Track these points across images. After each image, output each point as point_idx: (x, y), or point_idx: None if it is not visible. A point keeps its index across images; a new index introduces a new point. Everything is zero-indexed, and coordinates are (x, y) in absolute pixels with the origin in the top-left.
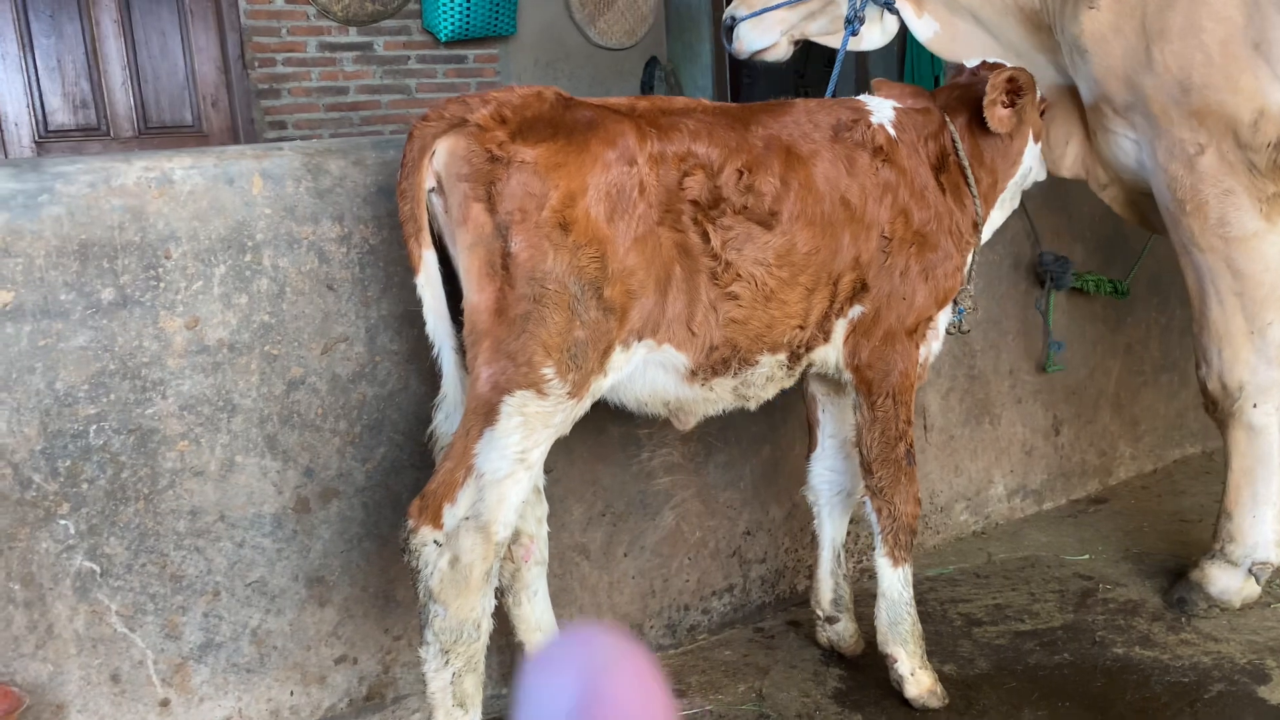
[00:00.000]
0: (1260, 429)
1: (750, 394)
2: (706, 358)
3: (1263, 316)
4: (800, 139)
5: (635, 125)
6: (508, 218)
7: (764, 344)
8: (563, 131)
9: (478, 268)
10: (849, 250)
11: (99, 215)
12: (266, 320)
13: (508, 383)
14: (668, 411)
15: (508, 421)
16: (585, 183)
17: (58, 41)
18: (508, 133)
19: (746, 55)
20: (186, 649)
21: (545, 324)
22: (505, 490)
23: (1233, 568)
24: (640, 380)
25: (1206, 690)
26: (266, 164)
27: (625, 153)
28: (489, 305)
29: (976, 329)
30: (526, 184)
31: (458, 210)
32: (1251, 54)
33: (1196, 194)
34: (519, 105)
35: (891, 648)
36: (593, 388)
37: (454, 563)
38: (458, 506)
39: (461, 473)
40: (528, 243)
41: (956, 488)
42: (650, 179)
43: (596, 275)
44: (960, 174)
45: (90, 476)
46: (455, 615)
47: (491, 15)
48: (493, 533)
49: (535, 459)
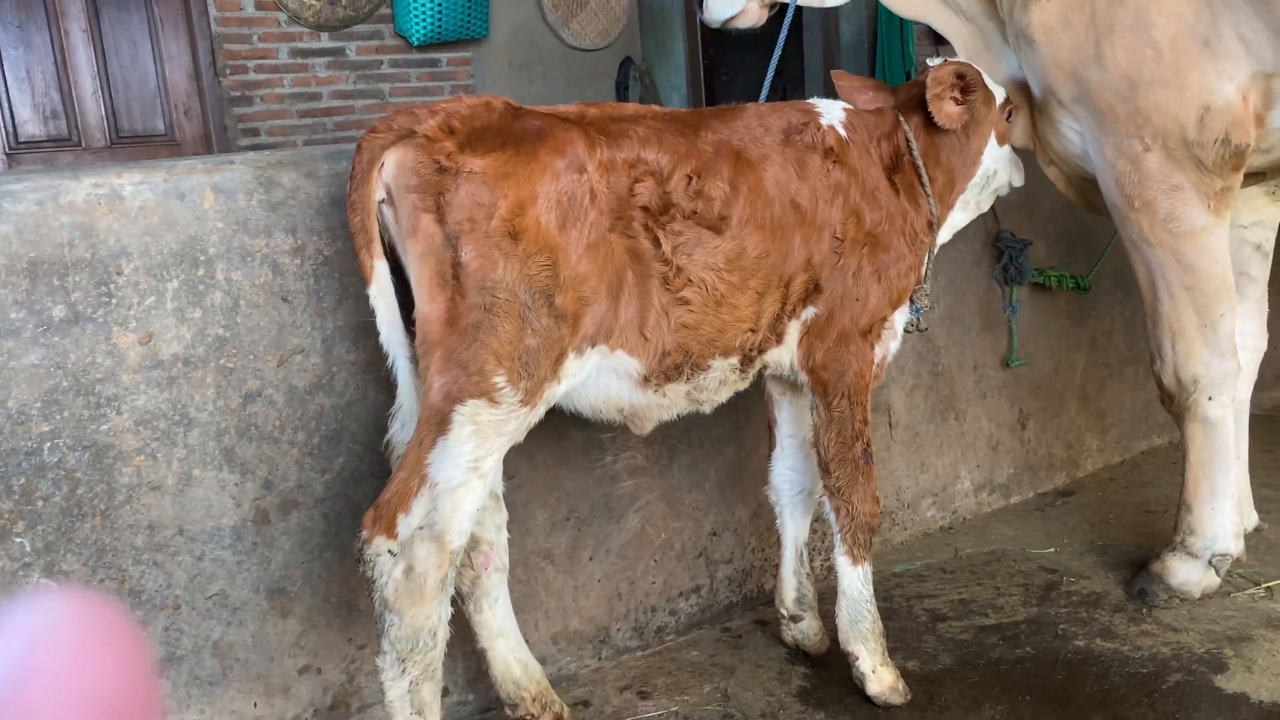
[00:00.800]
0: (1216, 422)
1: (704, 398)
2: (659, 363)
3: (1214, 310)
4: (750, 143)
5: (584, 133)
6: (457, 228)
7: (716, 348)
8: (511, 141)
9: (428, 278)
10: (800, 253)
11: (48, 233)
12: (221, 334)
13: (460, 392)
14: (623, 417)
15: (460, 430)
16: (535, 191)
17: (26, 52)
18: (456, 143)
19: (718, 23)
20: None
21: (496, 333)
22: (459, 499)
23: (1193, 559)
24: (594, 387)
25: (1165, 681)
26: (218, 178)
27: (575, 161)
28: (440, 315)
29: (940, 326)
30: (475, 194)
31: (407, 221)
32: (1200, 50)
33: (1144, 190)
34: (467, 115)
35: (853, 646)
36: (546, 395)
37: (408, 572)
38: (412, 516)
39: (415, 482)
40: (477, 252)
41: (923, 484)
42: (601, 186)
43: (548, 283)
44: (914, 173)
45: (45, 494)
46: (410, 624)
47: (464, 18)
48: (447, 541)
49: (489, 467)
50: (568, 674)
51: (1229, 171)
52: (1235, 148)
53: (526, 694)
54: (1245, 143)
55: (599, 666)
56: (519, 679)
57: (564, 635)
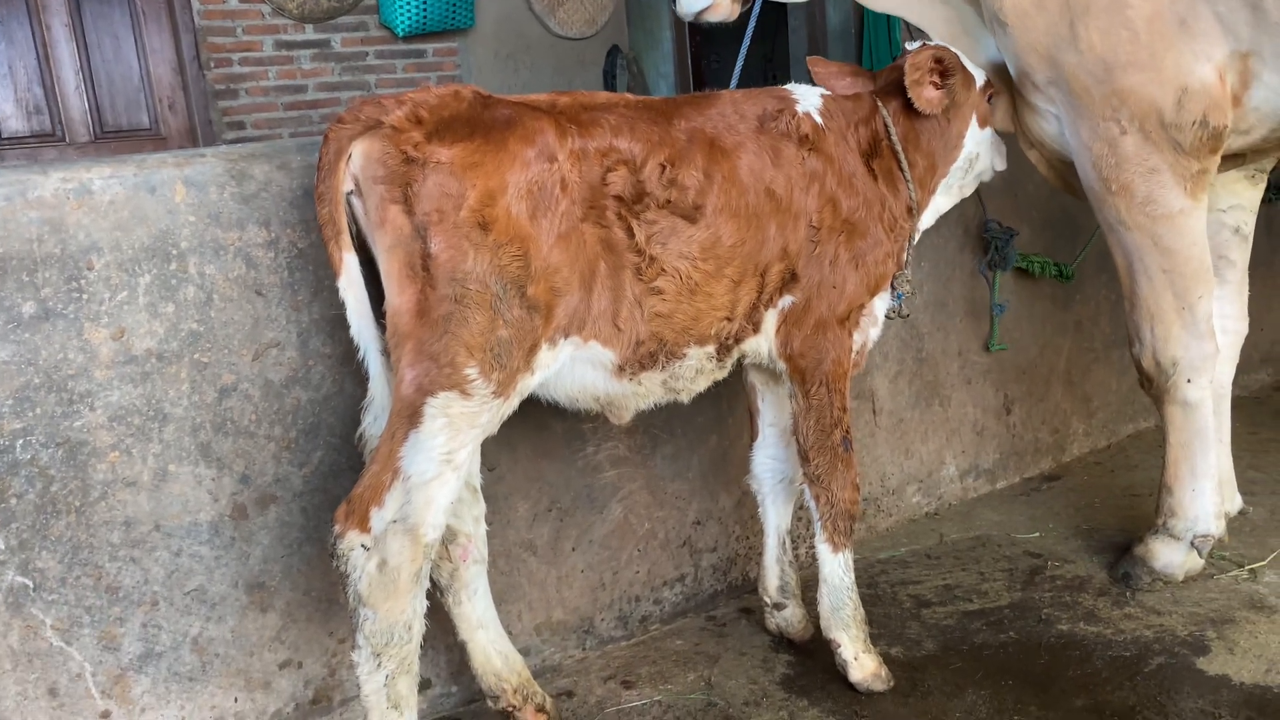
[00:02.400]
0: (1195, 404)
1: (680, 387)
2: (633, 353)
3: (1192, 292)
4: (724, 131)
5: (555, 122)
6: (425, 219)
7: (690, 337)
8: (480, 130)
9: (398, 269)
10: (776, 241)
11: (16, 228)
12: (195, 328)
13: (431, 384)
14: (599, 407)
15: (432, 423)
16: (504, 181)
17: (8, 47)
18: (423, 133)
19: (690, 16)
20: (126, 660)
21: (467, 324)
22: (432, 492)
23: (1175, 542)
24: (569, 377)
25: (1147, 663)
26: (189, 171)
27: (545, 149)
28: (410, 307)
29: (923, 312)
30: (443, 184)
31: (375, 213)
32: (1177, 30)
33: (1121, 173)
34: (435, 105)
35: (834, 633)
36: (520, 386)
37: (382, 566)
38: (385, 510)
39: (388, 476)
40: (447, 243)
41: (908, 470)
42: (572, 175)
43: (519, 274)
44: (894, 159)
45: (19, 491)
46: (385, 619)
47: (449, 8)
48: (420, 535)
49: (462, 459)
50: (551, 665)
51: (1206, 154)
52: (1213, 129)
53: (508, 685)
54: (1223, 124)
55: (583, 657)
56: (500, 671)
57: (547, 626)
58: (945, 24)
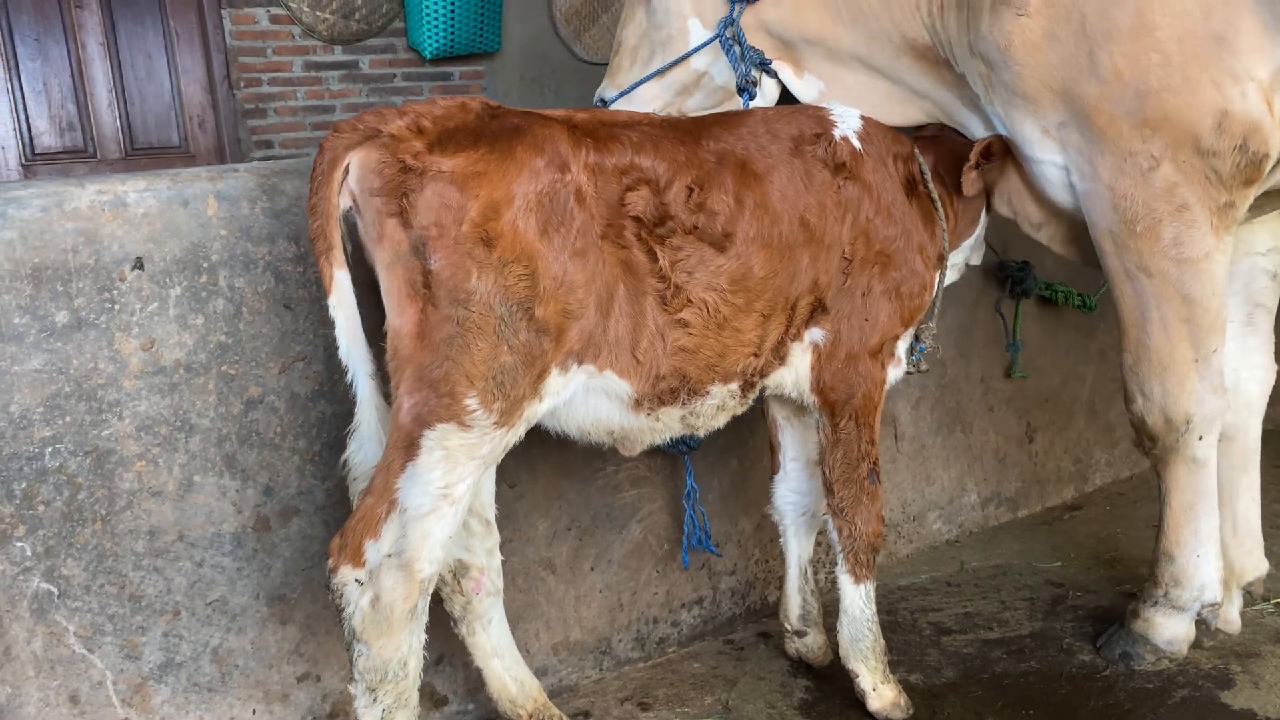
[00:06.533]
0: (1203, 462)
1: (700, 424)
2: (653, 387)
3: (1208, 344)
4: (756, 153)
5: (568, 131)
6: (424, 233)
7: (715, 374)
8: (485, 139)
9: (398, 288)
10: (807, 273)
11: (52, 239)
12: (223, 340)
13: (429, 415)
14: (612, 440)
15: (429, 456)
16: (510, 192)
17: (44, 65)
18: (425, 143)
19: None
20: (147, 669)
21: (469, 350)
22: (429, 526)
23: (1179, 613)
24: (582, 408)
25: (1170, 696)
26: (221, 185)
27: (556, 159)
28: (411, 329)
29: (946, 337)
30: (442, 195)
31: (373, 227)
32: (1214, 49)
33: (1151, 212)
34: (440, 116)
35: (853, 664)
36: (526, 414)
37: (375, 602)
38: (381, 542)
39: (384, 507)
40: (447, 260)
41: (929, 496)
42: (589, 188)
43: (526, 294)
44: (930, 203)
45: (46, 498)
46: (379, 655)
47: (476, 32)
48: (415, 570)
49: (461, 493)
50: (568, 685)
51: (1240, 185)
52: (1253, 155)
53: (523, 711)
54: (1264, 150)
55: (600, 677)
56: (515, 697)
57: (565, 645)
58: (927, 117)
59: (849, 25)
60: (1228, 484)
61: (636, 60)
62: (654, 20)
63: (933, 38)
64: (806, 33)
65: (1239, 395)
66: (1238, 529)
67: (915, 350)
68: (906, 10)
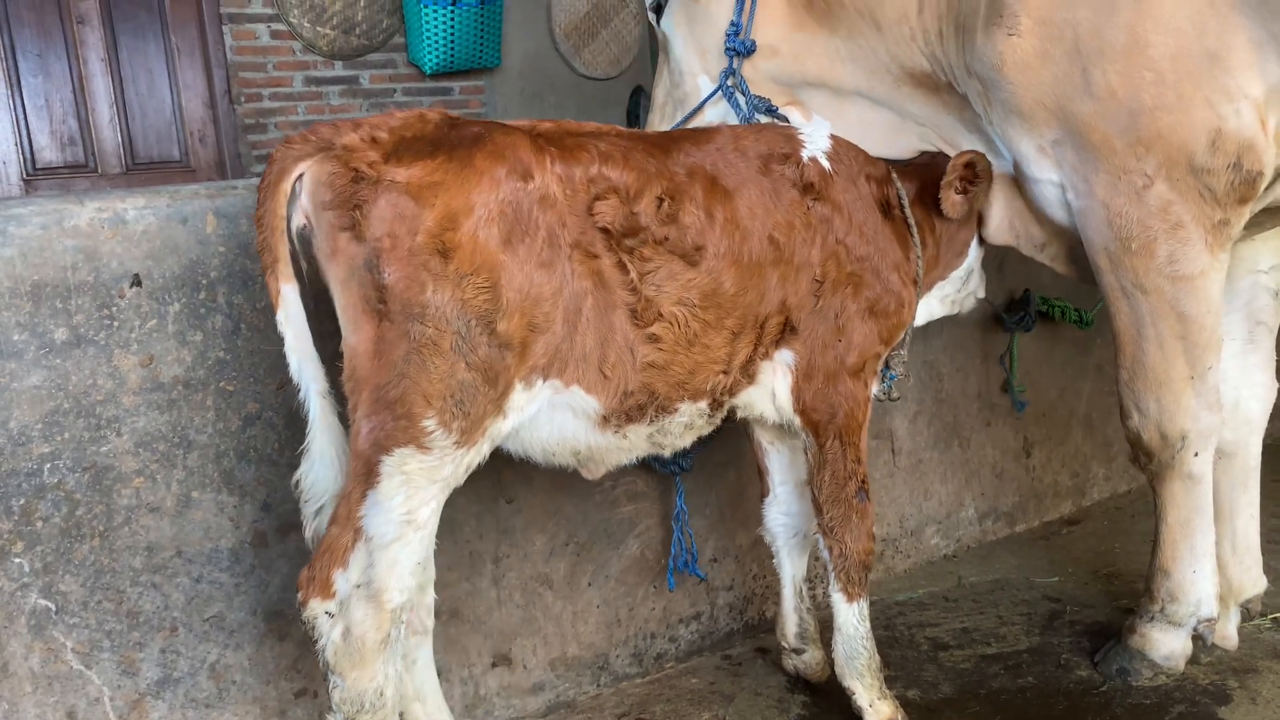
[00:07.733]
0: (1199, 478)
1: (667, 442)
2: (620, 403)
3: (1204, 360)
4: (725, 169)
5: (530, 140)
6: (377, 245)
7: (685, 391)
8: (443, 148)
9: (353, 305)
10: (776, 292)
11: (52, 256)
12: (222, 356)
13: (386, 440)
14: (577, 461)
15: (389, 482)
16: (469, 201)
17: (45, 80)
18: (381, 154)
19: None
20: (144, 685)
21: (426, 369)
22: (395, 554)
23: (1176, 629)
24: (547, 425)
25: (1168, 711)
26: (220, 203)
27: (518, 167)
28: (367, 348)
29: (943, 353)
30: (397, 205)
31: (326, 243)
32: (1207, 67)
33: (1145, 230)
34: (397, 127)
35: (849, 681)
36: (490, 432)
37: (346, 635)
38: (350, 571)
39: (349, 536)
40: (401, 273)
41: (926, 511)
42: (554, 197)
43: (486, 308)
44: (905, 226)
45: (45, 514)
46: (354, 687)
47: (476, 47)
48: (384, 601)
49: (425, 517)
50: (566, 701)
51: (1235, 203)
52: (1247, 174)
53: None
54: (1258, 169)
55: (598, 693)
56: None
57: (562, 661)
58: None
59: (848, 62)
60: (1227, 501)
61: (665, 117)
62: (674, 79)
63: (932, 64)
64: (809, 77)
65: (1239, 413)
66: (1236, 546)
67: (884, 379)
68: (902, 41)
